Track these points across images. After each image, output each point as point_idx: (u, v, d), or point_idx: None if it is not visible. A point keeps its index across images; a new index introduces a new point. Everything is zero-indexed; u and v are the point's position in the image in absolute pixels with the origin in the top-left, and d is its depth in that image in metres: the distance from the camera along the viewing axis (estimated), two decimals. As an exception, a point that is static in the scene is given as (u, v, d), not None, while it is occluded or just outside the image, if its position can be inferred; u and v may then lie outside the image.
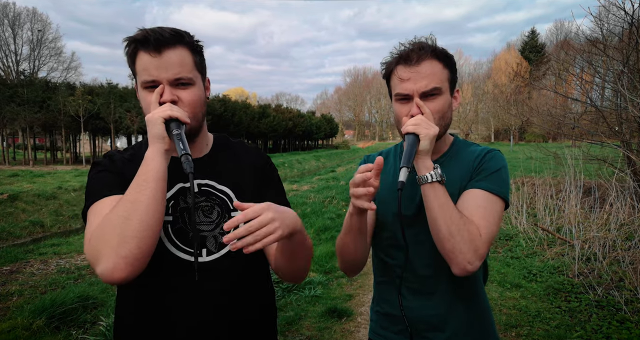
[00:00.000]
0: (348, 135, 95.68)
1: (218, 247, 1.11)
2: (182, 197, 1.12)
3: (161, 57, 1.03)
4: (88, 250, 0.94)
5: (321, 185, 15.02)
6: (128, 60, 1.08)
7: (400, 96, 1.19)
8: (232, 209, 1.15)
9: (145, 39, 1.02)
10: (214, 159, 1.19)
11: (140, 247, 0.92)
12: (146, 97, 1.06)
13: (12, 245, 7.72)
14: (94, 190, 1.06)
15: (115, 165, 1.11)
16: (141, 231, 0.92)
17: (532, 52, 59.76)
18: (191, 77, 1.07)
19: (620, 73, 6.19)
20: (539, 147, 9.52)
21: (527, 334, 3.26)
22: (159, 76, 1.04)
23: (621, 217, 5.14)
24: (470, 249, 1.07)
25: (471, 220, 1.10)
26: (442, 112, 1.19)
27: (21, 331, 3.41)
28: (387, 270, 1.32)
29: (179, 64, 1.05)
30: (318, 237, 6.77)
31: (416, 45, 1.18)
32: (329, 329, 3.48)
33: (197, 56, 1.10)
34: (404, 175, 1.04)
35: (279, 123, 42.20)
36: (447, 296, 1.24)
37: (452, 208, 1.09)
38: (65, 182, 14.58)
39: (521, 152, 11.66)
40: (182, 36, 1.07)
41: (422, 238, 1.22)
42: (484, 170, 1.21)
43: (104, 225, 0.93)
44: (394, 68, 1.20)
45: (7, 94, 24.36)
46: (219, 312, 1.09)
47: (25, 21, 39.53)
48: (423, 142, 1.08)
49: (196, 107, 1.09)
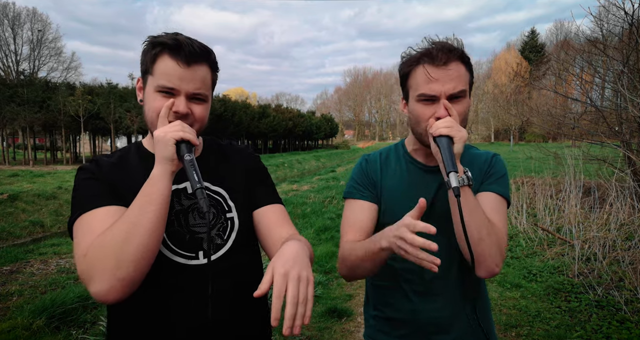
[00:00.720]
0: (348, 135, 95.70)
1: (215, 249, 1.11)
2: (176, 199, 1.10)
3: (188, 69, 1.03)
4: (82, 267, 0.91)
5: (321, 185, 15.01)
6: (146, 57, 1.06)
7: (426, 97, 1.15)
8: (227, 210, 1.14)
9: (178, 47, 1.02)
10: (206, 161, 1.18)
11: (138, 269, 0.90)
12: (156, 100, 1.04)
13: (12, 245, 7.71)
14: (81, 201, 1.02)
15: (102, 171, 1.09)
16: (140, 254, 0.90)
17: (532, 52, 59.78)
18: (208, 94, 1.09)
19: (620, 73, 6.19)
20: (539, 147, 9.51)
21: (527, 334, 3.26)
22: (180, 87, 1.03)
23: (621, 217, 5.14)
24: (498, 252, 1.08)
25: (495, 224, 1.11)
26: (465, 115, 1.18)
27: (21, 331, 3.41)
28: (392, 274, 1.29)
29: (201, 80, 1.05)
30: (318, 237, 6.77)
31: (444, 46, 1.14)
32: (329, 329, 3.48)
33: (214, 75, 1.12)
34: (456, 180, 1.02)
35: (279, 123, 42.20)
36: (452, 298, 1.24)
37: (481, 212, 1.09)
38: (65, 182, 14.56)
39: (521, 152, 11.66)
40: (209, 54, 1.08)
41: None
42: (494, 174, 1.24)
43: (101, 245, 0.90)
44: (418, 66, 1.16)
45: (7, 94, 24.36)
46: (218, 313, 1.07)
47: (25, 21, 39.57)
48: (457, 144, 1.07)
49: (204, 123, 1.10)
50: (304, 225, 7.75)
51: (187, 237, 1.08)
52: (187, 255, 1.07)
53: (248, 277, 1.15)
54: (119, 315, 1.10)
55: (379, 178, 1.32)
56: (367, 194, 1.30)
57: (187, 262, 1.07)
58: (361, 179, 1.33)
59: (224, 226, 1.13)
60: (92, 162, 1.12)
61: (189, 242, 1.08)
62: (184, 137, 0.98)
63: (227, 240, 1.12)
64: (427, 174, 1.28)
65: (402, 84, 1.24)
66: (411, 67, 1.18)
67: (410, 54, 1.19)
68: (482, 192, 1.21)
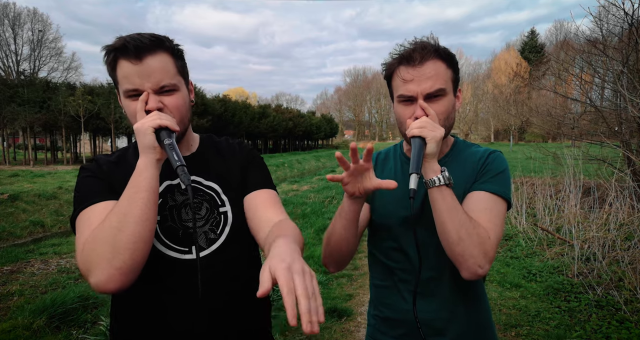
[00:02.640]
0: (348, 135, 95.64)
1: (208, 243, 1.11)
2: (170, 195, 1.12)
3: (142, 64, 1.01)
4: (80, 260, 0.94)
5: (321, 185, 15.01)
6: (108, 69, 1.06)
7: (404, 98, 1.15)
8: (220, 204, 1.15)
9: (125, 47, 1.00)
10: (200, 156, 1.19)
11: (134, 258, 0.92)
12: (130, 105, 1.04)
13: (13, 245, 7.73)
14: (81, 198, 1.05)
15: (102, 169, 1.11)
16: (134, 243, 0.92)
17: (532, 52, 59.77)
18: (175, 82, 1.05)
19: (619, 73, 6.19)
20: (539, 147, 9.51)
21: (527, 333, 3.27)
22: (141, 85, 1.02)
23: (621, 217, 5.14)
24: (480, 252, 1.05)
25: (479, 224, 1.08)
26: (447, 113, 1.16)
27: (22, 331, 3.42)
28: (389, 274, 1.29)
29: (160, 71, 1.03)
30: (318, 237, 6.77)
31: (418, 45, 1.14)
32: (329, 329, 3.48)
33: (178, 61, 1.09)
34: (415, 182, 1.02)
35: (279, 123, 42.20)
36: (449, 299, 1.23)
37: (460, 211, 1.07)
38: (65, 182, 14.57)
39: (521, 152, 11.67)
40: (162, 41, 1.04)
41: (425, 241, 1.20)
42: (488, 171, 1.19)
43: (96, 237, 0.93)
44: (396, 69, 1.17)
45: (8, 94, 24.38)
46: (214, 308, 1.09)
47: (25, 21, 39.53)
48: (430, 145, 1.06)
49: (182, 112, 1.08)
50: (304, 225, 7.75)
51: (180, 232, 1.09)
52: (181, 250, 1.09)
53: (244, 272, 1.16)
54: (119, 311, 1.12)
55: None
56: None
57: (180, 257, 1.08)
58: None
59: (217, 221, 1.14)
60: (92, 162, 1.15)
61: (182, 237, 1.09)
62: (162, 123, 0.99)
63: (220, 235, 1.13)
64: None
65: (388, 86, 1.26)
66: (391, 70, 1.19)
67: (392, 58, 1.20)
68: (473, 191, 1.17)
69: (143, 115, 1.02)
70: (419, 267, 1.10)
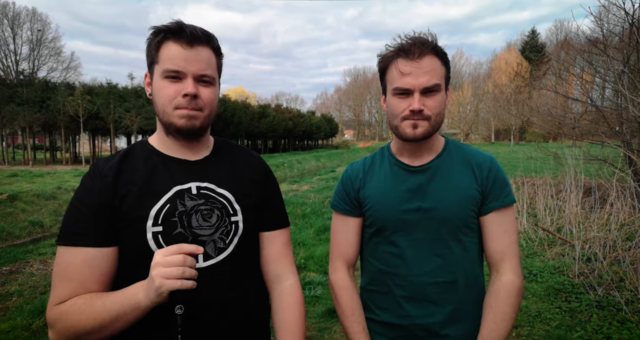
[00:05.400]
0: (348, 135, 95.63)
1: (217, 252, 1.08)
2: (179, 200, 1.07)
3: (192, 50, 1.04)
4: (49, 316, 0.98)
5: (321, 185, 15.00)
6: (149, 48, 1.07)
7: (400, 90, 1.17)
8: (232, 213, 1.12)
9: (180, 30, 1.03)
10: (213, 162, 1.17)
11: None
12: (165, 86, 1.05)
13: (12, 246, 7.71)
14: (66, 229, 1.02)
15: (94, 192, 1.03)
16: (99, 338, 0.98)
17: (533, 52, 59.79)
18: (215, 76, 1.09)
19: (620, 73, 6.18)
20: (539, 147, 9.50)
21: (528, 334, 3.26)
22: (186, 68, 1.03)
23: (622, 217, 5.13)
24: (518, 293, 1.21)
25: (511, 247, 1.22)
26: (439, 109, 1.19)
27: (20, 331, 3.41)
28: (384, 279, 1.28)
29: (207, 61, 1.06)
30: (318, 237, 6.76)
31: (418, 40, 1.16)
32: (329, 329, 3.47)
33: (219, 60, 1.14)
34: None
35: (279, 123, 42.16)
36: (446, 303, 1.22)
37: (508, 322, 1.18)
38: (64, 182, 14.55)
39: (521, 152, 11.65)
40: (212, 38, 1.10)
41: (422, 245, 1.21)
42: (496, 181, 1.23)
43: (67, 322, 0.96)
44: (393, 61, 1.18)
45: (7, 94, 24.34)
46: (218, 317, 1.07)
47: (24, 21, 39.51)
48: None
49: (212, 106, 1.10)
50: (304, 225, 7.74)
51: (189, 240, 1.05)
52: None
53: (250, 282, 1.15)
54: None
55: (360, 186, 1.32)
56: (346, 208, 1.34)
57: None
58: (341, 193, 1.37)
59: (228, 230, 1.11)
60: (90, 173, 1.08)
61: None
62: (182, 286, 0.91)
63: (229, 244, 1.10)
64: (410, 174, 1.27)
65: (380, 79, 1.26)
66: (387, 62, 1.20)
67: (388, 50, 1.21)
68: (492, 210, 1.22)
69: (179, 99, 1.04)
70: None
